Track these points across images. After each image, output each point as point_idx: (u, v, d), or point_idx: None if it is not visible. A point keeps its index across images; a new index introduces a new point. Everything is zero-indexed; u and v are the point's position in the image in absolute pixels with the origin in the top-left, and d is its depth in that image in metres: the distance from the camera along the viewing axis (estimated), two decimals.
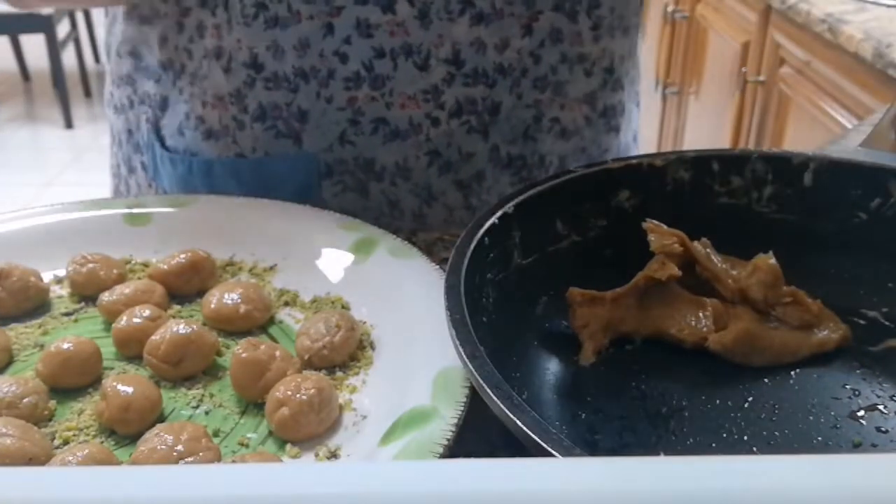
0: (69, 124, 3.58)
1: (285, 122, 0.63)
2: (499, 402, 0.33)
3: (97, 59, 4.43)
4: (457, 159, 0.65)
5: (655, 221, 0.46)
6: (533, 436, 0.32)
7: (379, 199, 0.65)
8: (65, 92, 3.55)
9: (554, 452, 0.31)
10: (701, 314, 0.46)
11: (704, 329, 0.45)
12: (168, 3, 0.63)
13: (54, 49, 3.42)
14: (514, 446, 0.32)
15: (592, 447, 0.40)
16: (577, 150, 0.68)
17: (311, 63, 0.61)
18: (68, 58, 3.67)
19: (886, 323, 0.47)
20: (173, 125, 0.67)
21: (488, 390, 0.34)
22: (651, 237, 0.46)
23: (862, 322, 0.47)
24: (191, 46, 0.64)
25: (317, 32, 0.60)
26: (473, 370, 0.35)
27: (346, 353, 0.46)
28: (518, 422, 0.32)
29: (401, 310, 0.48)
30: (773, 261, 0.46)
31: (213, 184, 0.65)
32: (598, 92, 0.66)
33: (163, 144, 0.68)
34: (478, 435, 0.39)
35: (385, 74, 0.61)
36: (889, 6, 1.48)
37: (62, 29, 3.61)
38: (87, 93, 3.95)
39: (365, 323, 0.49)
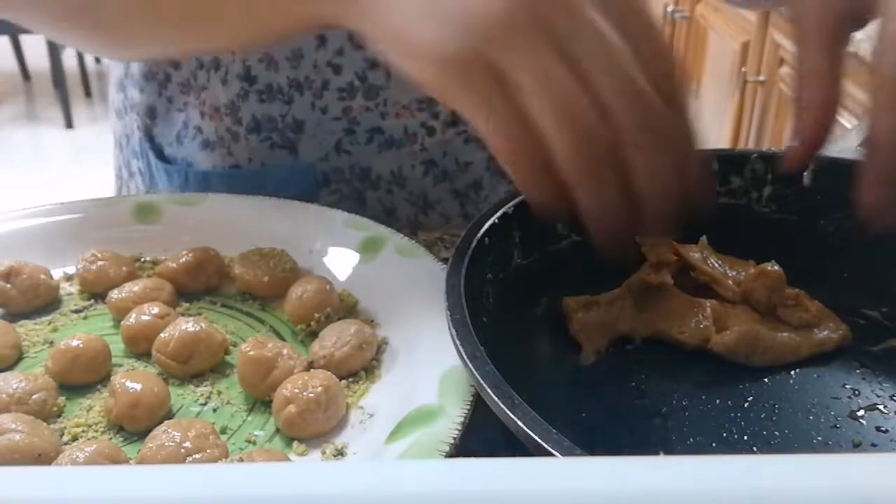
0: (70, 124, 3.58)
1: (280, 133, 0.63)
2: (499, 402, 0.33)
3: (98, 59, 4.43)
4: (454, 169, 0.65)
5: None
6: (533, 436, 0.32)
7: (375, 208, 0.65)
8: (65, 92, 3.55)
9: (554, 452, 0.31)
10: (700, 315, 0.46)
11: (705, 330, 0.46)
12: None
13: (55, 49, 3.42)
14: (514, 446, 0.33)
15: (592, 447, 0.40)
16: None
17: (304, 74, 0.61)
18: (69, 58, 3.67)
19: (886, 323, 0.48)
20: (170, 134, 0.68)
21: (488, 390, 0.34)
22: (644, 249, 0.46)
23: (862, 322, 0.48)
24: None
25: (309, 44, 0.60)
26: (473, 370, 0.36)
27: (347, 370, 0.45)
28: (518, 422, 0.32)
29: (408, 308, 0.48)
30: (777, 267, 0.46)
31: None
32: None
33: (159, 154, 0.69)
34: (479, 435, 0.39)
35: (379, 85, 0.61)
36: None
37: None
38: (88, 93, 3.95)
39: (372, 319, 0.50)
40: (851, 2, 0.43)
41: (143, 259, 0.56)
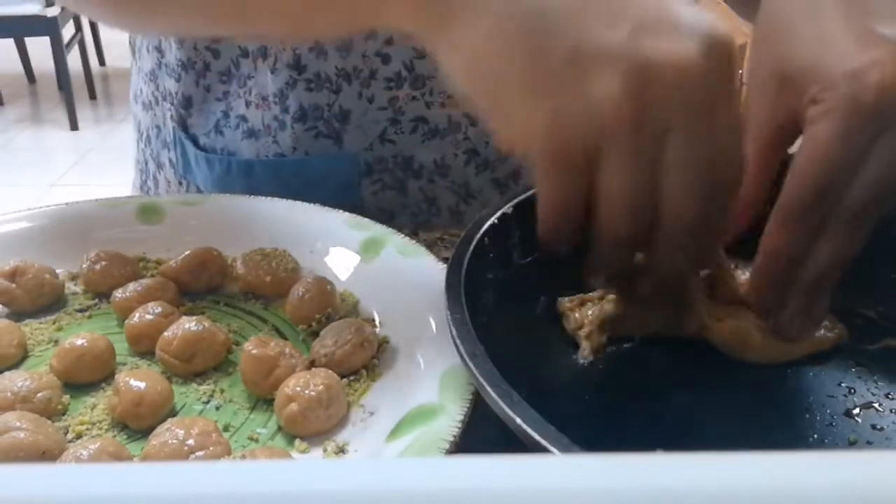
0: (74, 126, 3.58)
1: (326, 122, 0.64)
2: (499, 400, 0.34)
3: (102, 61, 4.44)
4: (494, 158, 0.66)
5: None
6: (532, 433, 0.32)
7: (417, 197, 0.66)
8: (70, 94, 3.55)
9: (553, 450, 0.31)
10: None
11: (701, 316, 0.45)
12: None
13: (59, 51, 3.42)
14: (514, 444, 0.33)
15: (591, 444, 0.40)
16: None
17: (353, 64, 0.62)
18: (73, 60, 3.67)
19: (882, 322, 0.48)
20: (207, 124, 0.68)
21: (488, 389, 0.34)
22: None
23: (858, 321, 0.48)
24: (217, 46, 0.65)
25: (359, 34, 0.61)
26: (473, 369, 0.36)
27: (348, 369, 0.46)
28: (517, 420, 0.33)
29: (409, 308, 0.49)
30: None
31: (253, 184, 0.65)
32: None
33: (196, 143, 0.69)
34: (478, 433, 0.40)
35: (426, 74, 0.62)
36: None
37: (67, 31, 3.62)
38: (92, 95, 3.96)
39: (373, 318, 0.50)
40: (787, 117, 0.43)
41: (146, 259, 0.56)
